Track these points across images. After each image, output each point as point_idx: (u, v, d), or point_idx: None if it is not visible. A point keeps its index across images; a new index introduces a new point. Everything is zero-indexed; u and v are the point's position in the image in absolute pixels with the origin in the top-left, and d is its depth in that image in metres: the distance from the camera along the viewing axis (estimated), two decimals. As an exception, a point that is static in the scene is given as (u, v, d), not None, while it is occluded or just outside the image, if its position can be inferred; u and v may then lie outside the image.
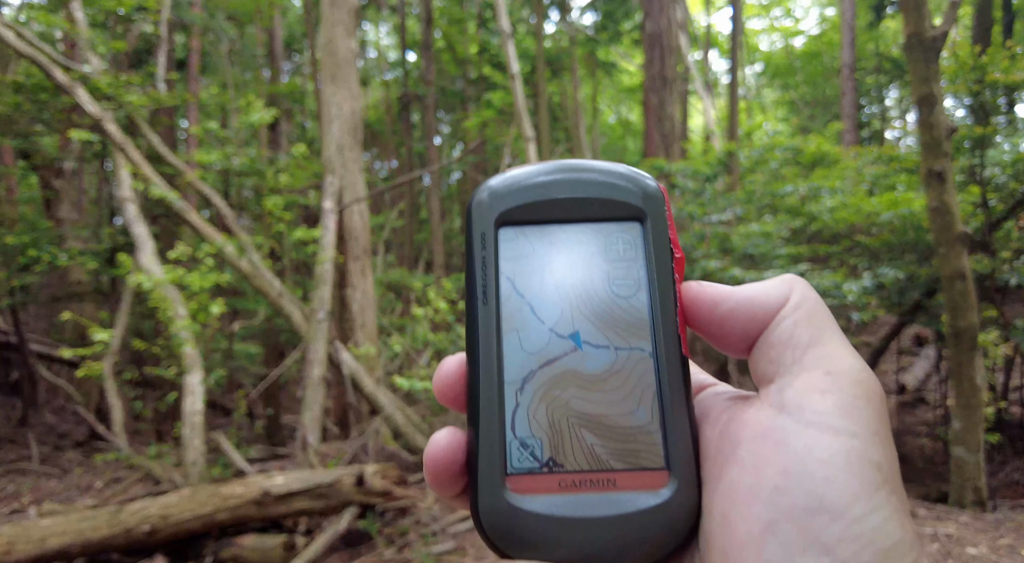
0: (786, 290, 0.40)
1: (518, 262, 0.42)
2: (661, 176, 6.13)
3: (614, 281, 0.42)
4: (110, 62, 8.56)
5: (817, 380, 0.36)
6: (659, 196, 0.44)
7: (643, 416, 0.41)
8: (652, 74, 7.11)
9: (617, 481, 0.40)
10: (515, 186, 0.44)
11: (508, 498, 0.39)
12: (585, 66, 13.40)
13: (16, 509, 5.76)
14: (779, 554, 0.33)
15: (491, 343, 0.41)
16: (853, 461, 0.34)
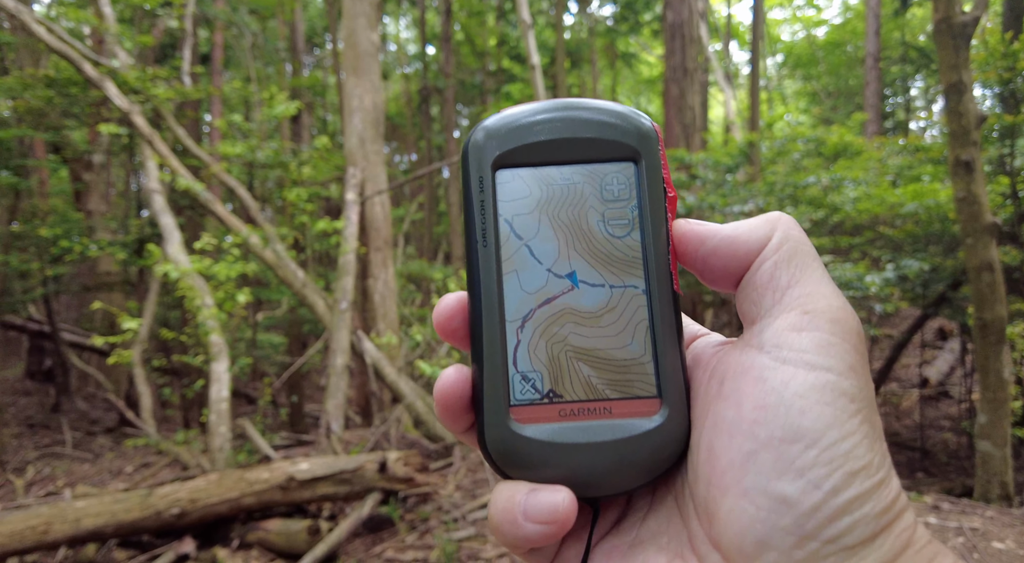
0: (769, 229, 0.41)
1: (516, 205, 0.44)
2: (682, 167, 6.10)
3: (609, 221, 0.44)
4: (136, 57, 8.70)
5: (795, 319, 0.38)
6: (653, 135, 0.45)
7: (636, 349, 0.43)
8: (672, 65, 7.06)
9: (613, 409, 0.43)
10: (511, 128, 0.44)
11: (512, 427, 0.42)
12: (604, 57, 13.34)
13: (51, 491, 5.94)
14: (757, 480, 0.35)
15: (492, 284, 0.42)
16: (827, 393, 0.36)
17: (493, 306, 0.42)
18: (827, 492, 0.34)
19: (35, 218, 9.02)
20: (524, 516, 0.39)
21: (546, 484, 0.40)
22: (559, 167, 0.44)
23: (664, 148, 0.46)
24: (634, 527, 0.43)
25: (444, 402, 0.42)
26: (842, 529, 0.33)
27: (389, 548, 4.28)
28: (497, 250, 0.43)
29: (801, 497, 0.34)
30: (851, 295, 5.33)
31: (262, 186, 7.14)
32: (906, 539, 0.35)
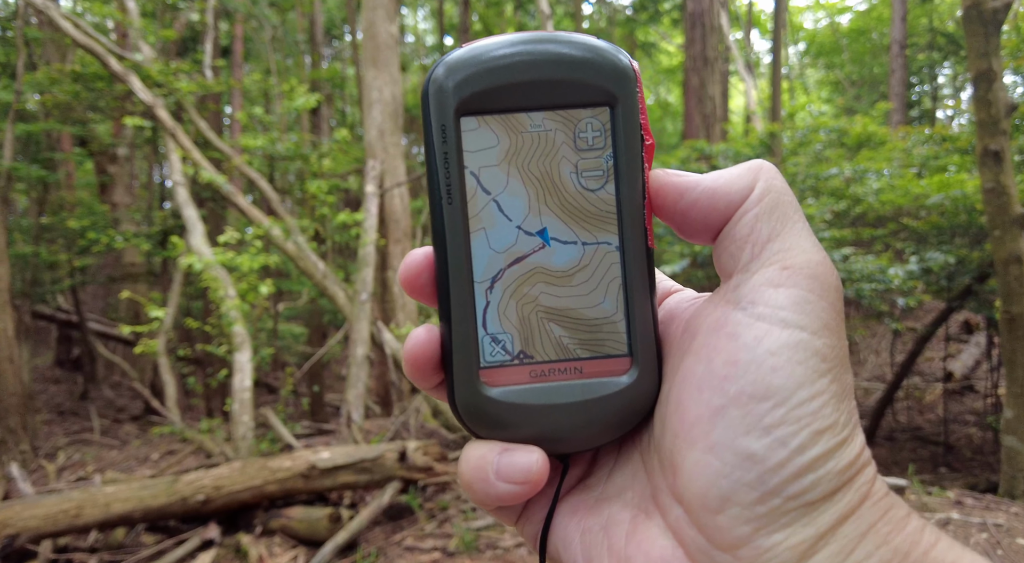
0: (751, 180, 0.39)
1: (482, 155, 0.41)
2: (702, 158, 6.05)
3: (583, 173, 0.41)
4: (159, 51, 8.81)
5: (773, 275, 0.37)
6: (631, 76, 0.41)
7: (608, 308, 0.42)
8: (693, 54, 6.99)
9: (584, 368, 0.42)
10: (476, 69, 0.40)
11: (482, 389, 0.41)
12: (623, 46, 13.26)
13: (82, 476, 6.10)
14: (724, 435, 0.36)
15: (459, 244, 0.40)
16: (799, 352, 0.35)
17: (461, 267, 0.40)
18: (793, 450, 0.34)
19: (63, 210, 9.21)
20: (496, 476, 0.39)
21: (518, 444, 0.41)
22: (529, 113, 0.41)
23: (642, 89, 0.42)
24: (600, 482, 0.44)
25: (414, 362, 0.42)
26: (805, 486, 0.34)
27: (409, 536, 4.34)
28: (463, 207, 0.40)
29: (767, 454, 0.34)
30: (873, 288, 5.26)
31: (283, 178, 7.22)
32: (864, 492, 0.35)
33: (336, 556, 4.17)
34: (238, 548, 4.38)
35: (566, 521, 0.42)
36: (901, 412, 7.41)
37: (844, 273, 5.29)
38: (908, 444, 6.48)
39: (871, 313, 7.12)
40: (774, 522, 0.34)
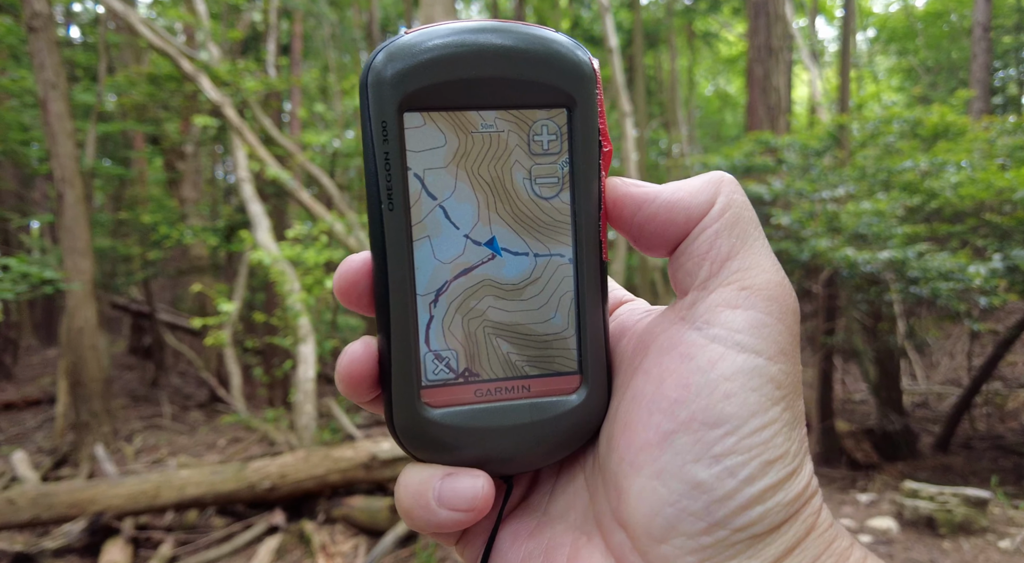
0: (711, 194, 0.38)
1: (428, 156, 0.37)
2: (768, 151, 5.86)
3: (536, 180, 0.39)
4: (224, 51, 9.11)
5: (731, 295, 0.36)
6: (591, 76, 0.38)
7: (559, 323, 0.40)
8: (757, 44, 6.77)
9: (531, 387, 0.40)
10: (422, 59, 0.36)
11: (423, 411, 0.38)
12: (682, 36, 12.92)
13: (157, 459, 6.41)
14: (673, 462, 0.34)
15: (401, 254, 0.37)
16: (754, 378, 0.34)
17: (402, 279, 0.37)
18: (742, 480, 0.33)
19: (137, 206, 9.66)
20: (438, 502, 0.37)
21: (461, 468, 0.38)
22: (480, 111, 0.37)
23: (602, 90, 0.39)
24: (542, 501, 0.42)
25: (349, 379, 0.39)
26: (753, 518, 0.33)
27: (467, 530, 4.39)
28: (406, 212, 0.37)
29: (715, 484, 0.33)
30: (951, 287, 4.99)
31: (343, 174, 7.37)
32: (810, 524, 0.35)
33: (396, 546, 4.25)
34: (302, 535, 4.52)
35: (508, 545, 0.40)
36: (980, 419, 7.03)
37: (919, 271, 5.04)
38: (988, 453, 6.15)
39: (946, 313, 6.77)
40: (719, 554, 0.33)
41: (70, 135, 6.21)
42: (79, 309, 6.16)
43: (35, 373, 11.06)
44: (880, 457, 6.04)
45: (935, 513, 3.91)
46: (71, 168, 6.15)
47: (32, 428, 8.01)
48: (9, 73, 8.68)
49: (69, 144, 6.19)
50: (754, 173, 5.98)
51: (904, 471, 5.63)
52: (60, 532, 4.47)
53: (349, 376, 0.39)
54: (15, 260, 5.47)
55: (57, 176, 6.10)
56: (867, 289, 5.85)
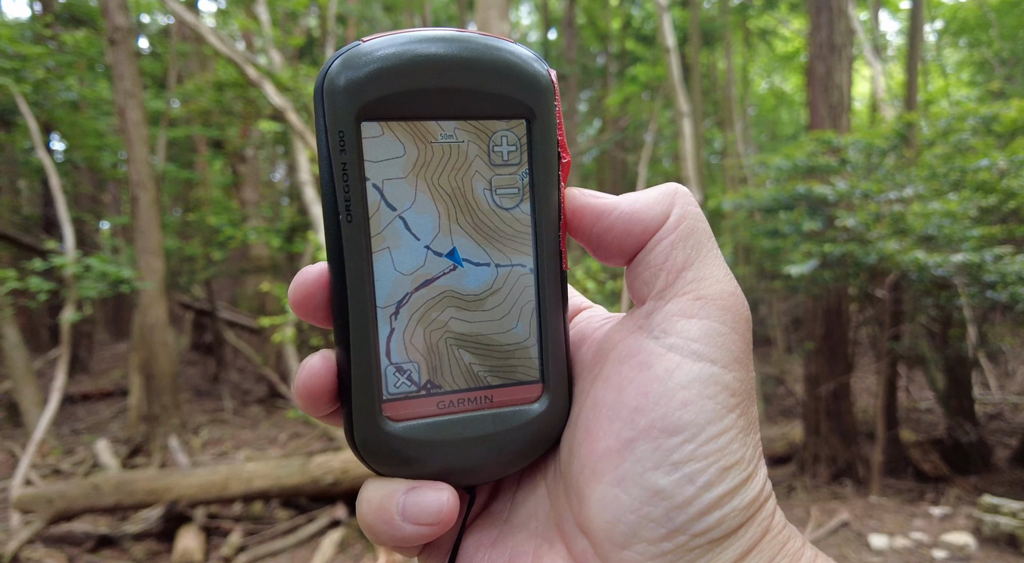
0: (667, 206, 0.39)
1: (387, 166, 0.37)
2: (831, 150, 5.69)
3: (497, 190, 0.39)
4: (283, 56, 9.40)
5: (686, 305, 0.37)
6: (550, 88, 0.39)
7: (521, 332, 0.40)
8: (818, 41, 6.58)
9: (494, 397, 0.40)
10: (381, 67, 0.36)
11: (385, 425, 0.38)
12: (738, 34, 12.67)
13: (222, 452, 6.66)
14: (633, 469, 0.35)
15: (360, 266, 0.36)
16: (710, 386, 0.35)
17: (362, 292, 0.37)
18: (700, 487, 0.34)
19: (201, 207, 10.06)
20: (403, 517, 0.37)
21: (424, 481, 0.38)
22: (439, 121, 0.37)
23: (560, 102, 0.40)
24: (504, 509, 0.42)
25: (308, 394, 0.38)
26: (711, 523, 0.34)
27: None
28: (365, 224, 0.36)
29: (675, 490, 0.34)
30: None
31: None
32: (765, 527, 0.36)
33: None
34: (363, 529, 4.63)
35: (471, 554, 0.40)
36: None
37: (996, 275, 4.81)
38: (1070, 467, 5.83)
39: (1023, 320, 6.44)
40: (680, 559, 0.34)
41: (145, 141, 6.52)
42: (151, 307, 6.45)
43: (107, 366, 11.63)
44: (950, 469, 5.80)
45: (1017, 531, 3.74)
46: (146, 172, 6.45)
47: (107, 418, 8.44)
48: (87, 84, 9.17)
49: (144, 150, 6.50)
50: (817, 173, 5.82)
51: (978, 485, 5.39)
52: (139, 517, 4.71)
53: (308, 390, 0.38)
54: (96, 260, 5.78)
55: (133, 180, 6.42)
56: (936, 294, 5.62)
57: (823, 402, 6.26)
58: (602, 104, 14.93)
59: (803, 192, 5.36)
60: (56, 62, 6.91)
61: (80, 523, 4.75)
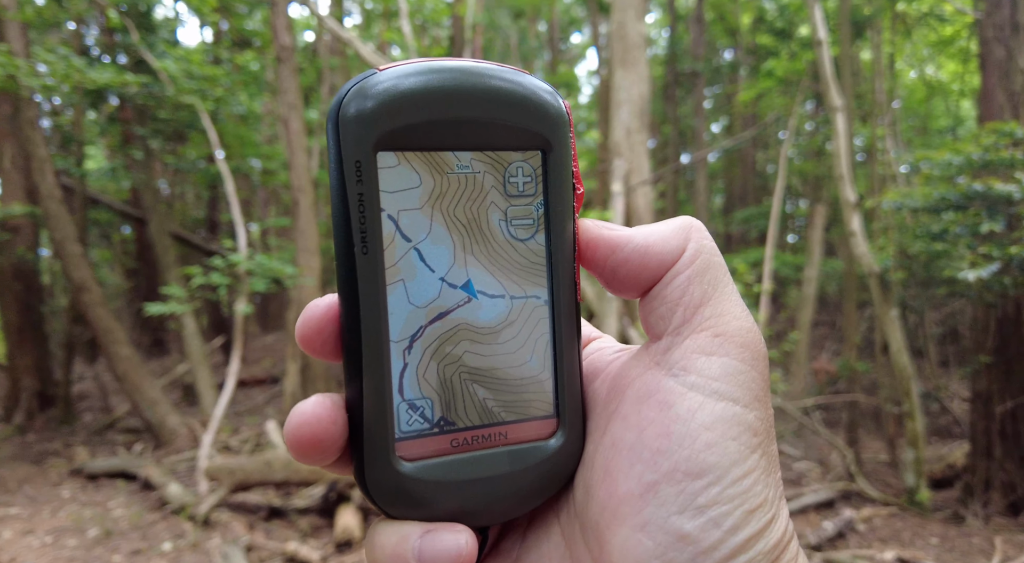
0: (683, 239, 0.38)
1: (402, 197, 0.36)
2: (1014, 143, 5.14)
3: (512, 221, 0.38)
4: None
5: (705, 342, 0.36)
6: (565, 120, 0.38)
7: (535, 366, 0.39)
8: (997, 21, 5.95)
9: (508, 434, 0.39)
10: (397, 99, 0.35)
11: (398, 466, 0.36)
12: (889, 19, 11.76)
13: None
14: (657, 514, 0.34)
15: (374, 298, 0.35)
16: (733, 426, 0.35)
17: (376, 325, 0.35)
18: (726, 531, 0.33)
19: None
20: (419, 561, 0.35)
21: (440, 523, 0.37)
22: (456, 152, 0.37)
23: (575, 134, 0.39)
24: (514, 547, 0.41)
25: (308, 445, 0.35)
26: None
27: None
28: (380, 255, 0.35)
29: (701, 535, 0.33)
30: None
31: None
32: None
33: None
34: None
35: None
36: None
37: None
38: None
39: None
40: None
41: (304, 149, 7.12)
42: (309, 301, 7.03)
43: (258, 356, 12.76)
44: None
45: None
46: (305, 178, 7.04)
47: (262, 403, 9.28)
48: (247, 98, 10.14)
49: (304, 157, 7.09)
50: (996, 169, 5.28)
51: None
52: (304, 494, 5.14)
53: (308, 438, 0.35)
54: (264, 258, 6.38)
55: (294, 185, 7.02)
56: None
57: (997, 422, 5.67)
58: (731, 101, 14.39)
59: (980, 190, 4.89)
60: (230, 81, 7.70)
61: (253, 494, 5.27)
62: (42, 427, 7.90)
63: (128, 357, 6.97)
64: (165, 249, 8.38)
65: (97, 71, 6.45)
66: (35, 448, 7.17)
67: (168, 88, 6.93)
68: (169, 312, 6.18)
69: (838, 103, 5.72)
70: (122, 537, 4.74)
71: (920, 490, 5.38)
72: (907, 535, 4.75)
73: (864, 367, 8.01)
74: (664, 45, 15.79)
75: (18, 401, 8.05)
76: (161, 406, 6.99)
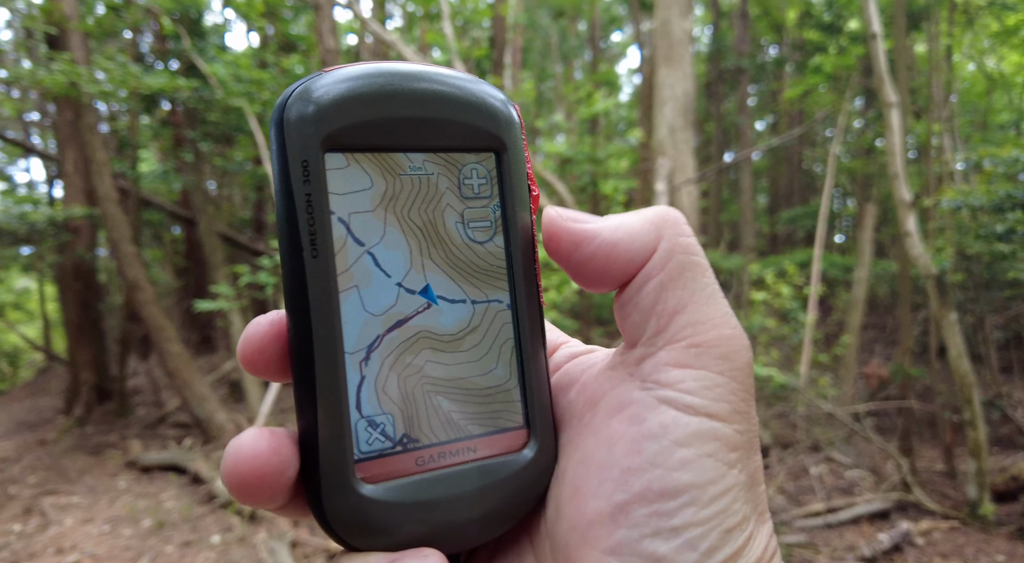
0: (653, 238, 0.35)
1: (353, 199, 0.34)
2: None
3: (469, 223, 0.37)
4: (465, 67, 9.95)
5: (679, 354, 0.34)
6: (516, 122, 0.38)
7: (501, 374, 0.37)
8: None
9: (478, 448, 0.37)
10: (345, 97, 0.34)
11: (359, 489, 0.33)
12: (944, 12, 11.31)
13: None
14: (629, 536, 0.32)
15: (326, 306, 0.33)
16: (709, 443, 0.33)
17: (329, 335, 0.33)
18: (703, 552, 0.32)
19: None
20: None
21: (408, 551, 0.33)
22: (408, 153, 0.36)
23: (526, 136, 0.38)
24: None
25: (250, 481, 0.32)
26: None
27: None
28: (331, 260, 0.33)
29: (676, 558, 0.32)
30: None
31: (579, 179, 7.64)
32: None
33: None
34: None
35: None
36: None
37: None
38: None
39: None
40: None
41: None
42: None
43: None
44: None
45: None
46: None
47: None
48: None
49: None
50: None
51: None
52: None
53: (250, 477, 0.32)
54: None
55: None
56: None
57: (1066, 432, 5.38)
58: (776, 98, 14.05)
59: (1050, 188, 4.66)
60: (277, 84, 7.87)
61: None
62: (99, 420, 8.22)
63: (178, 354, 7.19)
64: (213, 249, 8.62)
65: (152, 77, 6.67)
66: (93, 440, 7.46)
67: (217, 92, 7.12)
68: (217, 309, 6.35)
69: (892, 99, 5.52)
70: (174, 528, 4.89)
71: (983, 503, 5.14)
72: (970, 551, 4.54)
73: (919, 372, 7.71)
74: (707, 42, 15.53)
75: (78, 394, 8.40)
76: (209, 402, 7.18)
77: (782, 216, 13.68)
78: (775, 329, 6.15)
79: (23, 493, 5.87)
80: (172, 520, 5.05)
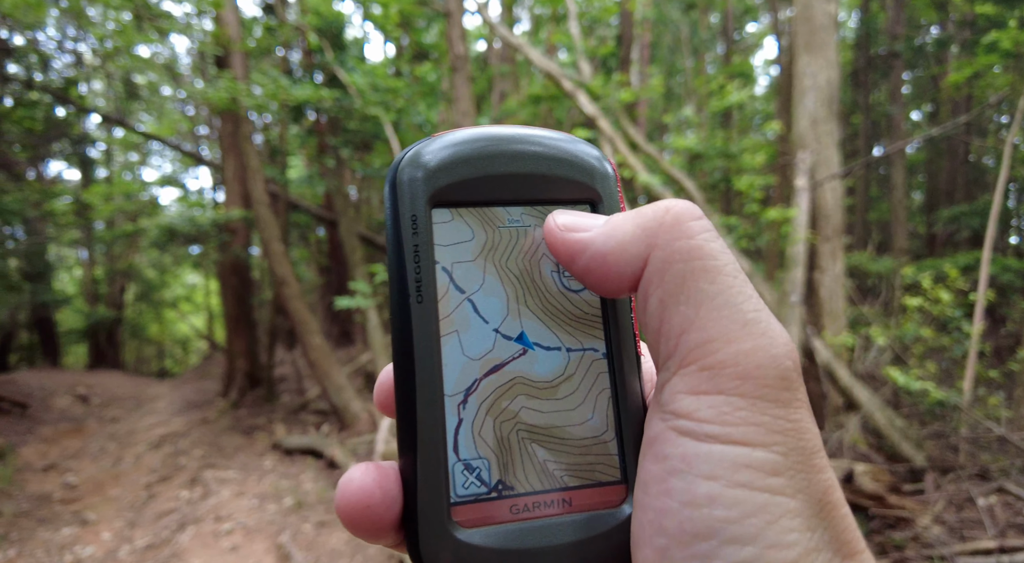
0: (643, 248, 0.33)
1: (456, 250, 0.37)
2: None
3: (564, 273, 0.38)
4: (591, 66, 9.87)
5: (692, 379, 0.32)
6: (612, 175, 0.39)
7: (598, 425, 0.37)
8: None
9: (573, 500, 0.36)
10: (450, 158, 0.36)
11: (455, 532, 0.34)
12: None
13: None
14: None
15: (429, 350, 0.35)
16: (740, 472, 0.30)
17: (430, 378, 0.35)
18: None
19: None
20: None
21: None
22: (507, 207, 0.38)
23: (622, 190, 0.39)
24: None
25: (360, 516, 0.33)
26: None
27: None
28: (434, 306, 0.35)
29: None
30: None
31: (709, 175, 7.33)
32: None
33: None
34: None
35: None
36: None
37: None
38: None
39: None
40: None
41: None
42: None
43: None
44: None
45: None
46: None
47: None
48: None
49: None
50: None
51: None
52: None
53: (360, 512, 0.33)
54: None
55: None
56: None
57: None
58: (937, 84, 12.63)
59: None
60: (410, 92, 8.25)
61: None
62: (251, 403, 9.05)
63: (319, 346, 7.73)
64: (353, 249, 9.19)
65: (299, 88, 7.23)
66: (245, 422, 8.22)
67: (356, 101, 7.58)
68: (355, 306, 6.75)
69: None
70: (311, 509, 5.25)
71: None
72: None
73: (1120, 396, 6.57)
74: (854, 27, 14.29)
75: (233, 380, 9.31)
76: (346, 392, 7.66)
77: (942, 214, 12.27)
78: (932, 339, 5.50)
79: (190, 464, 6.59)
80: (309, 501, 5.43)
